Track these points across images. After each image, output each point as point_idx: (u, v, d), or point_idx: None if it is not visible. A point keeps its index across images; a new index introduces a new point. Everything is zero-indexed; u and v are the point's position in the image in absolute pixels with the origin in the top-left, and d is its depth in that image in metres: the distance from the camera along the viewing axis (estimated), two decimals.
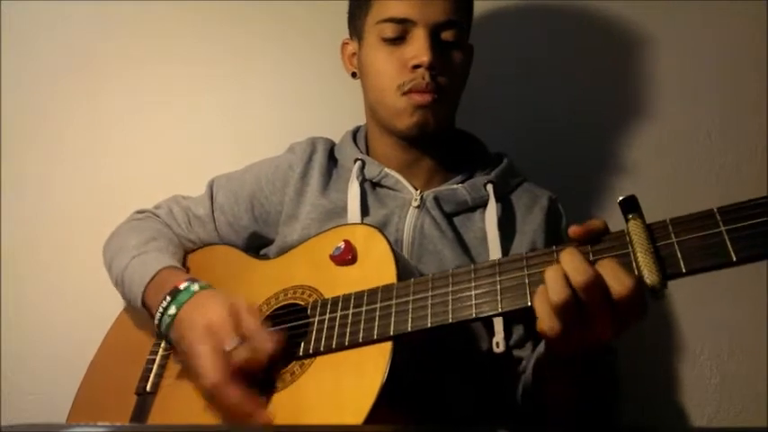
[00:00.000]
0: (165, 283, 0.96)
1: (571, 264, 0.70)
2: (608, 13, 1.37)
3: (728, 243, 0.66)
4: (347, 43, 1.14)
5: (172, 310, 0.92)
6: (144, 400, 0.99)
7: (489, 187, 1.06)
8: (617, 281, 0.68)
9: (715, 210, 0.68)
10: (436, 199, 1.05)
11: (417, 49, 1.01)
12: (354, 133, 1.17)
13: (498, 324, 0.94)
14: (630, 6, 1.36)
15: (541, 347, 0.90)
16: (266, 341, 0.84)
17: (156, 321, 0.94)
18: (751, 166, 1.30)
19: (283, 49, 1.40)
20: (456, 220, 1.06)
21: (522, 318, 0.76)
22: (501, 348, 0.92)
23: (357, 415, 0.75)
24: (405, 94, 1.02)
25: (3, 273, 1.28)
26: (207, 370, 0.84)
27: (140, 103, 1.37)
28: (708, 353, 1.27)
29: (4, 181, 1.32)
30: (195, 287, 0.94)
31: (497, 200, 1.05)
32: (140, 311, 1.03)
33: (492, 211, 1.03)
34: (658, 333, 1.28)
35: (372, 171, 1.08)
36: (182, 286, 0.94)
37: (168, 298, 0.93)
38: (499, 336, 0.93)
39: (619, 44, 1.37)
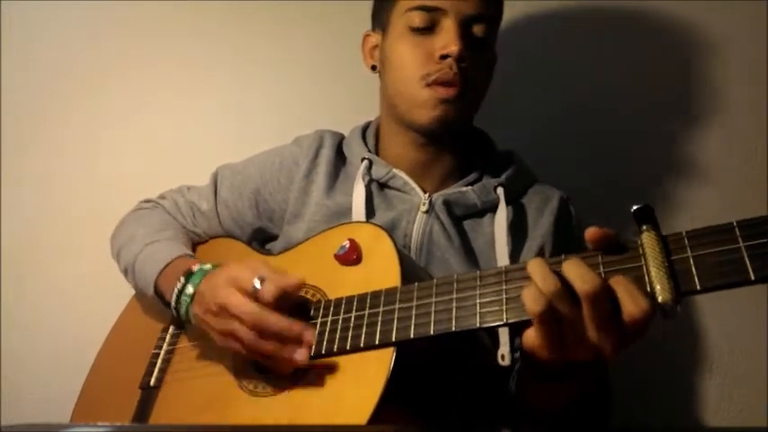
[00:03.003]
0: (178, 269, 0.96)
1: (576, 272, 0.67)
2: (610, 13, 1.37)
3: (747, 260, 0.62)
4: (369, 35, 1.10)
5: (189, 290, 0.92)
6: (148, 395, 0.99)
7: (500, 190, 1.02)
8: (632, 301, 0.65)
9: (734, 223, 0.64)
10: (446, 203, 1.01)
11: (447, 38, 0.97)
12: (364, 130, 1.13)
13: (504, 335, 0.89)
14: (631, 6, 1.36)
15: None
16: (288, 274, 0.86)
17: (174, 304, 0.94)
18: (751, 166, 1.30)
19: (283, 48, 1.40)
20: (465, 224, 1.03)
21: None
22: (506, 362, 0.87)
23: (356, 422, 0.74)
24: (429, 85, 0.98)
25: (3, 273, 1.28)
26: (245, 309, 0.83)
27: (140, 103, 1.37)
28: (708, 353, 1.27)
29: (4, 181, 1.32)
30: (207, 266, 0.94)
31: (508, 203, 1.01)
32: (151, 299, 1.02)
33: (501, 216, 1.00)
34: (658, 333, 1.28)
35: (380, 171, 1.05)
36: (195, 268, 0.94)
37: (183, 280, 0.93)
38: (505, 348, 0.88)
39: (620, 44, 1.37)
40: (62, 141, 1.35)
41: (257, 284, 0.84)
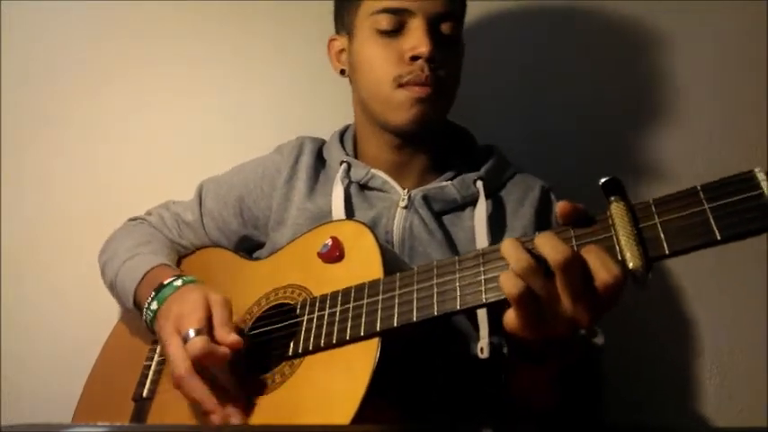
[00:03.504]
0: (154, 281, 0.96)
1: (548, 244, 0.68)
2: (606, 13, 1.37)
3: (712, 221, 0.64)
4: (334, 39, 1.10)
5: (154, 306, 0.92)
6: (141, 407, 0.99)
7: (479, 184, 1.03)
8: (604, 268, 0.66)
9: (698, 187, 0.66)
10: (425, 198, 1.02)
11: (416, 39, 0.97)
12: (342, 133, 1.14)
13: (483, 329, 0.89)
14: (630, 6, 1.36)
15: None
16: (227, 336, 0.83)
17: (144, 317, 0.95)
18: (751, 166, 1.29)
19: (283, 48, 1.40)
20: (446, 218, 1.03)
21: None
22: (485, 354, 0.87)
23: (346, 414, 0.75)
24: (402, 86, 0.98)
25: (3, 273, 1.28)
26: (175, 360, 0.83)
27: (140, 104, 1.37)
28: (708, 353, 1.27)
29: (4, 181, 1.32)
30: (179, 282, 0.93)
31: (488, 196, 1.02)
32: (134, 313, 1.03)
33: (481, 209, 1.00)
34: (658, 333, 1.28)
35: (359, 173, 1.05)
36: (166, 281, 0.93)
37: (153, 293, 0.93)
38: (484, 341, 0.88)
39: (617, 45, 1.37)
40: (62, 141, 1.35)
41: (189, 335, 0.82)
